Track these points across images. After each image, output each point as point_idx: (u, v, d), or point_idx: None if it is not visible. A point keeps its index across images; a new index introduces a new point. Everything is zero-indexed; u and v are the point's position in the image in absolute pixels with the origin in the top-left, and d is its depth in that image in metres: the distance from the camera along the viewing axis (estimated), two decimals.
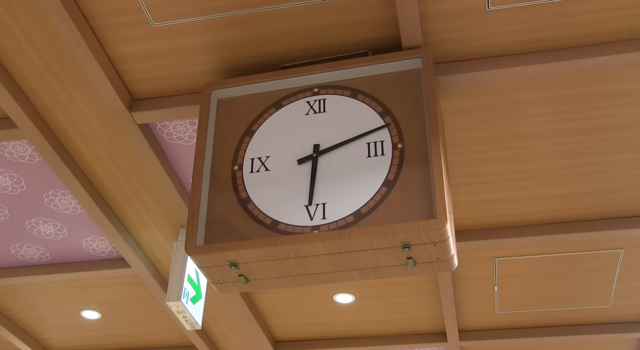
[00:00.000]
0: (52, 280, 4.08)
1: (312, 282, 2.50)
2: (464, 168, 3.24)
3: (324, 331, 4.57)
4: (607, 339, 4.42)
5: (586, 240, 3.63)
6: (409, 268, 2.41)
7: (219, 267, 2.45)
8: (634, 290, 4.02)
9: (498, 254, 3.80)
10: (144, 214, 3.59)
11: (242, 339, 4.70)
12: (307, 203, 2.43)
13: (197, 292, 3.62)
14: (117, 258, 3.93)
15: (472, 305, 4.24)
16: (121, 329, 4.63)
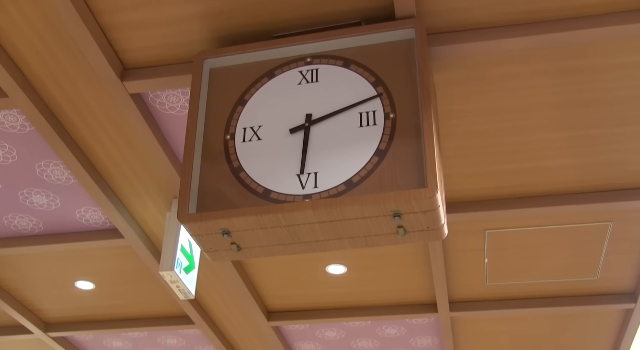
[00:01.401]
0: (46, 251, 4.09)
1: (303, 250, 2.52)
2: (455, 140, 3.25)
3: (316, 302, 4.62)
4: (595, 310, 4.48)
5: (576, 213, 3.66)
6: (400, 236, 2.44)
7: (211, 235, 2.47)
8: (621, 262, 4.06)
9: (489, 226, 3.84)
10: (137, 185, 3.60)
11: (236, 309, 4.74)
12: (299, 172, 2.45)
13: (191, 262, 3.64)
14: (110, 229, 3.95)
15: (462, 276, 4.28)
16: (115, 299, 4.66)
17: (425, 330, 4.92)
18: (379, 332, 4.97)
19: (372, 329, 4.92)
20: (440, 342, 5.06)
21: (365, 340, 5.09)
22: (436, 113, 2.75)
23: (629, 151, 3.27)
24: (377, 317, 4.65)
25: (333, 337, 5.05)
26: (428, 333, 4.95)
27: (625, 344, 4.79)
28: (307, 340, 5.12)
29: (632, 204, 3.52)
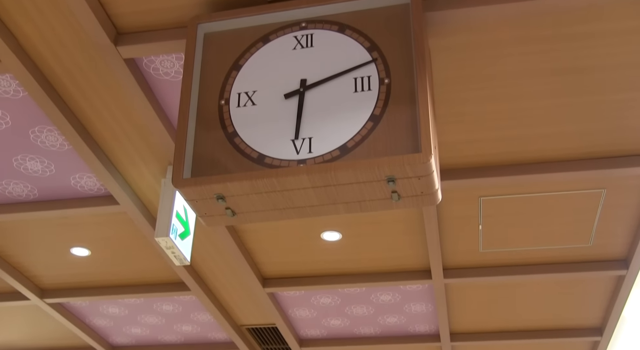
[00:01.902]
0: (41, 217, 4.10)
1: (298, 215, 2.53)
2: (450, 107, 3.25)
3: (311, 268, 4.65)
4: (588, 276, 4.52)
5: (569, 180, 3.67)
6: (394, 202, 2.45)
7: (205, 200, 2.47)
8: (614, 229, 4.09)
9: (483, 193, 3.85)
10: (132, 151, 3.60)
11: (231, 276, 4.77)
12: (293, 137, 2.45)
13: (186, 228, 3.65)
14: (105, 195, 3.95)
15: (456, 243, 4.31)
16: (111, 266, 4.69)
17: (419, 297, 4.97)
18: (373, 299, 5.01)
19: (366, 295, 4.97)
20: (434, 308, 5.11)
21: (360, 307, 5.14)
22: (431, 78, 2.74)
23: (622, 118, 3.27)
24: (372, 284, 4.69)
25: (328, 303, 5.09)
26: (422, 299, 5.00)
27: (616, 310, 4.84)
28: (302, 307, 5.17)
29: (625, 171, 3.53)
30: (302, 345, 5.73)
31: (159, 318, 5.42)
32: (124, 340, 5.85)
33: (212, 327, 5.57)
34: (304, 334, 5.62)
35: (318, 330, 5.53)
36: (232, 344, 5.81)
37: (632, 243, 4.18)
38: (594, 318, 5.15)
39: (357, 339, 5.64)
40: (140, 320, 5.48)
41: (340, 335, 5.62)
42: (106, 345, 5.89)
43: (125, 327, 5.62)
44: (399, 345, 5.65)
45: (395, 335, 5.59)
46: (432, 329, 5.45)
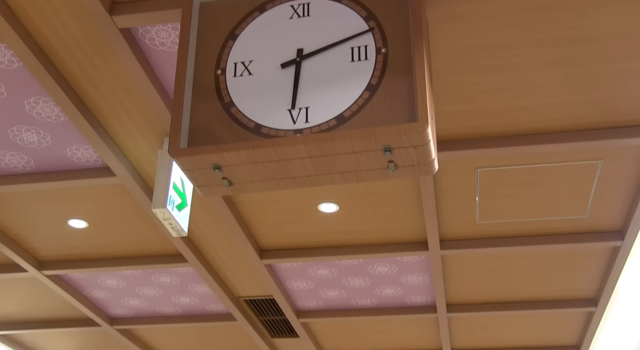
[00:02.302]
0: (38, 189, 4.10)
1: (294, 185, 2.54)
2: (447, 77, 3.24)
3: (308, 240, 4.66)
4: (583, 247, 4.54)
5: (566, 151, 3.67)
6: (390, 171, 2.45)
7: (202, 170, 2.47)
8: (610, 201, 4.10)
9: (480, 165, 3.85)
10: (128, 123, 3.59)
11: (228, 248, 4.79)
12: (290, 107, 2.44)
13: (183, 199, 3.66)
14: (102, 167, 3.95)
15: (453, 215, 4.32)
16: (108, 237, 4.70)
17: (416, 268, 4.99)
18: (370, 270, 5.04)
19: (363, 267, 4.99)
20: (430, 279, 5.14)
21: (357, 278, 5.16)
22: (428, 48, 2.73)
23: (619, 89, 3.27)
24: (369, 255, 4.71)
25: (325, 275, 5.12)
26: (419, 271, 5.03)
27: (611, 281, 4.87)
28: (299, 278, 5.19)
29: (621, 142, 3.53)
30: (299, 316, 5.77)
31: (156, 290, 5.45)
32: (123, 311, 5.89)
33: (209, 299, 5.60)
34: (301, 305, 5.66)
35: (315, 301, 5.57)
36: (229, 316, 5.85)
37: (628, 214, 4.19)
38: (589, 289, 5.18)
39: (354, 311, 5.68)
40: (139, 292, 5.51)
41: (337, 307, 5.66)
42: (105, 316, 5.92)
43: (123, 299, 5.65)
44: (396, 317, 5.69)
45: (392, 307, 5.63)
46: (429, 300, 5.49)
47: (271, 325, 6.05)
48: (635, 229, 4.25)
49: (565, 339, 6.18)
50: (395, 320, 5.90)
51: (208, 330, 6.28)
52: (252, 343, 6.54)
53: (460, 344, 6.41)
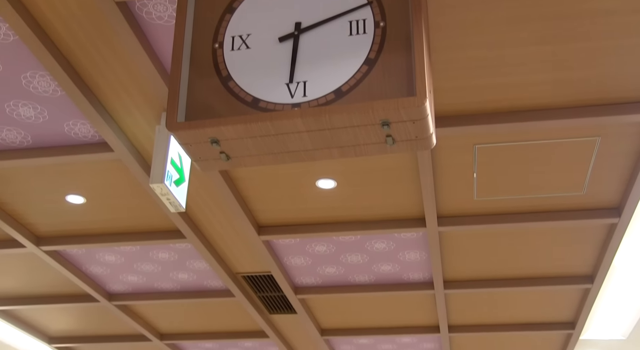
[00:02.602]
0: (35, 164, 4.09)
1: (292, 159, 2.53)
2: (445, 53, 3.22)
3: (306, 216, 4.67)
4: (581, 224, 4.56)
5: (564, 127, 3.67)
6: (388, 146, 2.44)
7: (200, 144, 2.47)
8: (607, 177, 4.11)
9: (478, 141, 3.85)
10: (126, 98, 3.57)
11: (226, 224, 4.80)
12: (288, 81, 2.43)
13: (181, 175, 3.66)
14: (99, 142, 3.94)
15: (451, 191, 4.33)
16: (106, 213, 4.70)
17: (413, 245, 5.01)
18: (368, 247, 5.05)
19: (361, 243, 5.01)
20: (428, 256, 5.16)
21: (355, 255, 5.18)
22: (427, 23, 2.71)
23: (617, 65, 3.25)
24: (367, 232, 4.72)
25: (323, 251, 5.13)
26: (416, 247, 5.04)
27: (607, 258, 4.90)
28: (297, 255, 5.21)
29: (619, 119, 3.53)
30: (297, 292, 5.80)
31: (155, 266, 5.47)
32: (121, 287, 5.91)
33: (207, 275, 5.62)
34: (299, 281, 5.68)
35: (313, 277, 5.59)
36: (228, 292, 5.87)
37: (625, 191, 4.20)
38: (586, 266, 5.21)
39: (352, 287, 5.71)
40: (137, 268, 5.53)
41: (335, 283, 5.69)
42: (103, 292, 5.95)
43: (121, 275, 5.67)
44: (393, 293, 5.72)
45: (389, 283, 5.66)
46: (426, 276, 5.51)
47: (269, 302, 6.08)
48: (632, 206, 4.26)
49: (561, 316, 6.22)
50: (393, 297, 5.94)
51: (206, 307, 6.31)
52: (250, 319, 6.58)
53: (457, 320, 6.45)
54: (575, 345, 6.74)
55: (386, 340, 7.07)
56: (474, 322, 6.51)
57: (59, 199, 4.54)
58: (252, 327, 6.80)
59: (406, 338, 6.98)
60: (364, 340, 7.10)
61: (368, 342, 7.13)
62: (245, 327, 6.81)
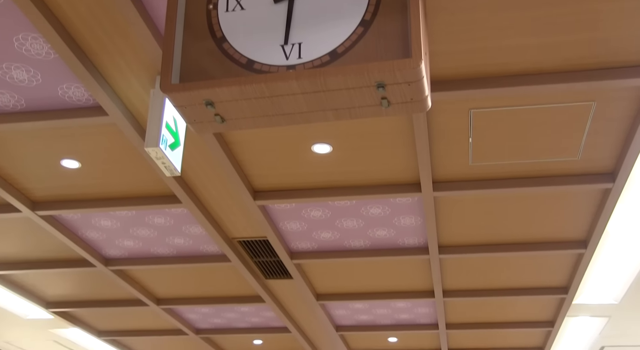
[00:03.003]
0: (29, 128, 4.08)
1: (287, 122, 2.53)
2: (441, 16, 3.20)
3: (302, 181, 4.68)
4: (575, 190, 4.57)
5: (559, 92, 3.66)
6: (383, 108, 2.44)
7: (194, 106, 2.46)
8: (602, 142, 4.11)
9: (474, 106, 3.84)
10: (120, 61, 3.55)
11: (222, 189, 4.80)
12: (282, 42, 2.41)
13: (176, 139, 3.65)
14: (94, 106, 3.92)
15: (446, 156, 4.33)
16: (102, 178, 4.70)
17: (408, 210, 5.03)
18: (363, 212, 5.07)
19: (356, 208, 5.02)
20: (423, 221, 5.18)
21: (350, 220, 5.20)
22: None
23: (614, 28, 3.23)
24: (362, 197, 4.73)
25: (318, 216, 5.15)
26: (411, 212, 5.06)
27: (601, 222, 4.92)
28: (292, 220, 5.23)
29: (615, 83, 3.52)
30: (293, 257, 5.83)
31: (151, 231, 5.48)
32: (117, 252, 5.94)
33: (203, 240, 5.64)
34: (295, 246, 5.71)
35: (308, 243, 5.62)
36: (224, 257, 5.90)
37: (620, 156, 4.21)
38: (580, 231, 5.24)
39: (347, 252, 5.74)
40: (133, 233, 5.54)
41: (331, 248, 5.72)
42: (99, 257, 5.97)
43: (117, 240, 5.69)
44: (388, 258, 5.75)
45: (385, 248, 5.69)
46: (421, 241, 5.54)
47: (265, 267, 6.11)
48: (626, 171, 4.27)
49: (555, 281, 6.28)
50: (388, 262, 5.97)
51: (202, 271, 6.35)
52: (246, 284, 6.62)
53: (452, 285, 6.51)
54: (568, 309, 6.82)
55: (381, 305, 7.14)
56: (468, 287, 6.57)
57: (54, 163, 4.53)
58: (248, 292, 6.86)
59: (401, 303, 7.05)
60: (359, 305, 7.17)
61: (363, 306, 7.20)
62: (241, 292, 6.87)
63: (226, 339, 8.57)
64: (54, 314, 7.49)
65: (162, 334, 8.29)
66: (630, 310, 6.88)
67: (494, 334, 8.08)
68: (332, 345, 8.56)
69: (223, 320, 7.81)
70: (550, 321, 7.47)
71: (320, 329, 7.95)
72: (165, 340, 8.69)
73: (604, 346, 8.11)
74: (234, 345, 8.89)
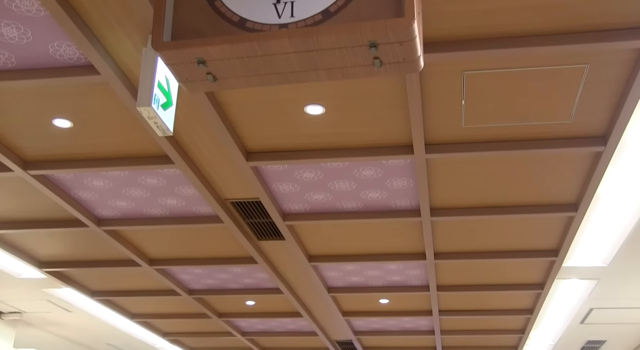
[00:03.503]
0: (20, 86, 4.05)
1: (279, 81, 2.52)
2: None
3: (294, 143, 4.68)
4: (567, 153, 4.59)
5: (553, 54, 3.65)
6: (376, 68, 2.44)
7: (186, 64, 2.45)
8: (595, 106, 4.11)
9: (467, 67, 3.83)
10: (112, 19, 3.51)
11: (215, 149, 4.80)
12: (275, 1, 2.40)
13: (168, 98, 3.63)
14: (85, 65, 3.89)
15: (439, 119, 4.33)
16: (94, 138, 4.68)
17: (401, 172, 5.04)
18: (356, 174, 5.08)
19: (349, 170, 5.04)
20: (415, 183, 5.20)
21: (343, 182, 5.22)
22: None
23: None
24: (355, 159, 4.74)
25: (311, 178, 5.16)
26: (404, 175, 5.08)
27: (592, 186, 4.96)
28: (285, 181, 5.24)
29: (609, 46, 3.51)
30: (285, 219, 5.86)
31: (143, 191, 5.49)
32: (110, 213, 5.95)
33: (196, 201, 5.66)
34: (287, 208, 5.74)
35: (301, 204, 5.65)
36: (216, 218, 5.93)
37: (612, 119, 4.22)
38: (571, 194, 5.27)
39: (339, 214, 5.77)
40: (125, 194, 5.55)
41: (323, 210, 5.74)
42: (92, 217, 5.99)
43: (110, 200, 5.70)
44: (380, 220, 5.79)
45: (377, 210, 5.72)
46: (413, 204, 5.57)
47: (257, 228, 6.15)
48: (617, 135, 4.28)
49: (545, 244, 6.34)
50: (380, 224, 6.01)
51: (195, 232, 6.38)
52: (239, 245, 6.66)
53: (443, 247, 6.57)
54: (557, 272, 6.90)
55: (373, 267, 7.21)
56: (460, 250, 6.63)
57: (46, 122, 4.51)
58: (240, 253, 6.90)
59: (392, 265, 7.12)
60: (351, 267, 7.23)
61: (355, 268, 7.27)
62: (234, 253, 6.91)
63: (219, 299, 8.66)
64: (48, 274, 7.53)
65: (155, 295, 8.36)
66: (619, 273, 6.97)
67: (484, 296, 8.18)
68: (324, 306, 8.66)
69: (216, 281, 7.87)
70: (540, 283, 7.56)
71: (312, 290, 8.04)
72: (159, 301, 8.77)
73: (592, 308, 8.23)
74: (227, 306, 8.98)
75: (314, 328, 9.58)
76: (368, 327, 9.89)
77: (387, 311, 9.01)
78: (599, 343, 9.80)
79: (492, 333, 9.83)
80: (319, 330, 9.69)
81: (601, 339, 9.62)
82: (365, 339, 10.57)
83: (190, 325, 9.95)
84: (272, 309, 9.12)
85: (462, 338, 10.36)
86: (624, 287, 7.43)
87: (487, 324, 9.52)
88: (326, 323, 9.56)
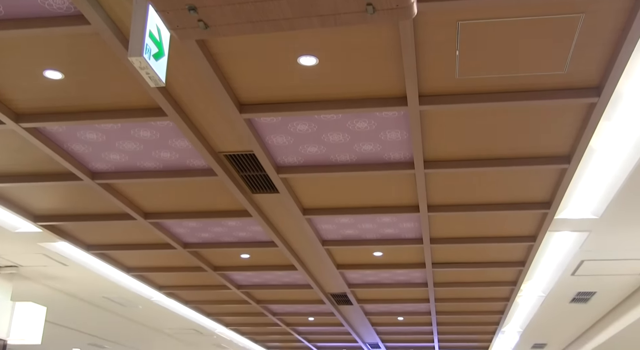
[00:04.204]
0: (9, 36, 4.00)
1: (272, 28, 2.50)
2: None
3: (288, 95, 4.65)
4: (560, 104, 4.59)
5: (548, 3, 3.62)
6: (369, 15, 2.41)
7: (177, 11, 2.42)
8: (589, 56, 4.10)
9: (461, 17, 3.80)
10: None
11: (208, 101, 4.78)
12: None
13: (160, 49, 3.59)
14: (75, 14, 3.84)
15: (433, 69, 4.31)
16: (85, 90, 4.65)
17: (394, 124, 5.04)
18: (349, 126, 5.08)
19: (342, 122, 5.03)
20: (408, 135, 5.20)
21: (336, 134, 5.21)
22: None
23: None
24: (348, 110, 4.73)
25: (304, 130, 5.15)
26: (397, 127, 5.07)
27: (585, 138, 4.97)
28: (279, 134, 5.23)
29: None
30: (279, 172, 5.87)
31: (137, 144, 5.48)
32: (103, 166, 5.95)
33: (190, 154, 5.66)
34: (281, 160, 5.74)
35: (295, 157, 5.65)
36: (210, 171, 5.93)
37: (606, 70, 4.20)
38: (564, 146, 5.28)
39: (333, 166, 5.78)
40: (119, 147, 5.54)
41: (317, 162, 5.75)
42: (86, 171, 5.98)
43: (103, 153, 5.69)
44: (374, 173, 5.81)
45: (370, 163, 5.73)
46: (407, 156, 5.58)
47: (251, 181, 6.16)
48: (611, 86, 4.28)
49: (538, 196, 6.38)
50: (374, 177, 6.03)
51: (189, 186, 6.39)
52: (233, 198, 6.68)
53: (437, 200, 6.60)
54: (550, 224, 6.96)
55: (367, 220, 7.26)
56: (453, 202, 6.67)
57: (37, 74, 4.47)
58: (235, 206, 6.93)
59: (386, 217, 7.16)
60: (345, 220, 7.28)
61: (349, 221, 7.31)
62: (228, 206, 6.94)
63: (214, 253, 8.72)
64: (43, 228, 7.56)
65: (150, 248, 8.41)
66: (610, 225, 7.04)
67: (477, 248, 8.26)
68: (318, 259, 8.74)
69: (210, 234, 7.92)
70: (532, 236, 7.63)
71: (307, 243, 8.10)
72: (154, 254, 8.83)
73: (583, 260, 8.33)
74: (222, 259, 9.06)
75: (308, 281, 9.68)
76: (362, 280, 10.00)
77: (381, 264, 9.11)
78: (589, 294, 9.94)
79: (484, 285, 9.96)
80: (314, 283, 9.79)
81: (591, 291, 9.76)
82: (359, 291, 10.70)
83: (185, 278, 10.04)
84: (267, 262, 9.20)
85: (454, 290, 10.49)
86: (614, 239, 7.51)
87: (479, 276, 9.63)
88: (320, 276, 9.66)
